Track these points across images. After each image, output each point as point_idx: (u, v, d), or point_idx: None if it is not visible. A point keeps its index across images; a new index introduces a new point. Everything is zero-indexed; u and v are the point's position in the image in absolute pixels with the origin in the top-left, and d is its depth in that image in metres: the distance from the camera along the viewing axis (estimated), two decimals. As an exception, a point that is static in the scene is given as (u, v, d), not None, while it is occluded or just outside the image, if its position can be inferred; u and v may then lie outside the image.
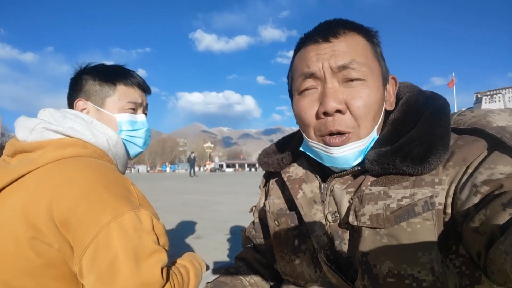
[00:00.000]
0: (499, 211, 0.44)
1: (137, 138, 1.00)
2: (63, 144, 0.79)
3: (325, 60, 0.61)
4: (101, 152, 0.86)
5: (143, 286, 0.66)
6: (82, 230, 0.66)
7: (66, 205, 0.67)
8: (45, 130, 0.81)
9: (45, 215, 0.67)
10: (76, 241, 0.67)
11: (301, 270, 0.71)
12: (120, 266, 0.65)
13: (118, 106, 0.96)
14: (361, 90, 0.61)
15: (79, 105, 0.94)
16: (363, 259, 0.58)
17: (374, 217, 0.57)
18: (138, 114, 1.01)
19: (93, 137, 0.84)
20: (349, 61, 0.60)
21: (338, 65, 0.60)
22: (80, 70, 0.99)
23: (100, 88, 0.95)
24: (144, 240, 0.70)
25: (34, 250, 0.69)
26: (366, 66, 0.61)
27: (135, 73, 1.01)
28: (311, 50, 0.63)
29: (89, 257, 0.65)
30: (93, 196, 0.69)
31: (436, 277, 0.53)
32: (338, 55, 0.61)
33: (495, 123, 0.56)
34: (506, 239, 0.41)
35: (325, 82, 0.62)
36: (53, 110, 0.88)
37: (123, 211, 0.69)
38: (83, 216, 0.67)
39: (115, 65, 1.02)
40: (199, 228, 3.90)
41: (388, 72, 0.68)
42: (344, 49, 0.61)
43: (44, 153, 0.77)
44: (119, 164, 0.94)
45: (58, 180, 0.71)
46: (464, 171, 0.54)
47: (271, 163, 0.82)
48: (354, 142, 0.61)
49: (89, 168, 0.75)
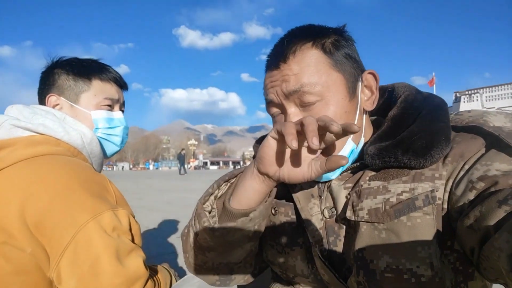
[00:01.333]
0: (495, 208, 0.44)
1: (114, 136, 0.95)
2: (33, 142, 0.74)
3: (277, 87, 0.62)
4: (74, 150, 0.81)
5: (130, 281, 0.65)
6: (58, 232, 0.63)
7: (40, 206, 0.64)
8: (13, 127, 0.76)
9: (17, 218, 0.63)
10: (52, 243, 0.63)
11: (294, 264, 0.70)
12: (103, 266, 0.63)
13: (94, 102, 0.91)
14: (320, 110, 0.60)
15: (51, 101, 0.89)
16: (359, 254, 0.58)
17: (373, 212, 0.57)
18: (115, 111, 0.96)
19: (65, 134, 0.80)
20: (299, 86, 0.59)
21: (288, 91, 0.60)
22: (52, 63, 0.94)
23: (74, 83, 0.90)
24: (123, 238, 0.69)
25: (4, 257, 0.64)
26: (319, 85, 0.60)
27: (111, 67, 0.97)
28: (267, 77, 0.65)
29: (68, 259, 0.62)
30: (69, 195, 0.66)
31: (435, 272, 0.53)
32: (288, 80, 0.60)
33: (492, 123, 0.57)
34: (501, 236, 0.41)
35: (285, 108, 0.62)
36: (21, 106, 0.83)
37: (102, 209, 0.67)
38: (59, 217, 0.63)
39: (89, 59, 0.97)
40: (183, 226, 3.83)
41: (358, 73, 0.65)
42: (294, 72, 0.60)
43: (12, 151, 0.72)
44: (94, 163, 0.90)
45: (29, 179, 0.67)
46: (461, 167, 0.54)
47: None
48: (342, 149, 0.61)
49: (63, 166, 0.71)
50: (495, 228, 0.43)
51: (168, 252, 2.82)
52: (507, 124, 0.57)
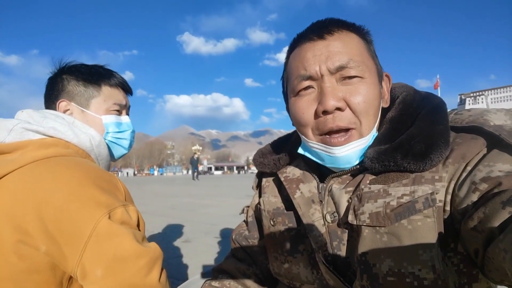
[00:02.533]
0: (499, 209, 0.44)
1: (123, 140, 0.99)
2: (44, 144, 0.77)
3: (322, 63, 0.60)
4: (83, 153, 0.84)
5: (152, 261, 0.67)
6: (78, 226, 0.64)
7: (56, 204, 0.65)
8: (25, 130, 0.78)
9: (33, 216, 0.65)
10: (71, 239, 0.65)
11: (298, 272, 0.70)
12: (127, 249, 0.65)
13: (104, 107, 0.94)
14: (359, 87, 0.60)
15: (62, 106, 0.92)
16: (362, 258, 0.57)
17: (374, 216, 0.57)
18: (123, 116, 1.00)
19: (75, 137, 0.82)
20: (346, 61, 0.60)
21: (335, 66, 0.60)
22: (59, 69, 0.96)
23: (84, 89, 0.93)
24: (135, 230, 0.71)
25: (17, 254, 0.65)
26: (363, 65, 0.61)
27: (117, 73, 0.99)
28: (307, 50, 0.62)
29: (92, 251, 0.64)
30: (84, 192, 0.67)
31: (437, 275, 0.52)
32: (334, 56, 0.60)
33: (493, 121, 0.56)
34: (506, 237, 0.40)
35: (323, 81, 0.61)
36: (31, 111, 0.85)
37: (115, 205, 0.69)
38: (76, 213, 0.65)
39: (96, 65, 0.99)
40: (187, 231, 3.85)
41: (382, 69, 0.68)
42: (340, 49, 0.60)
43: (24, 153, 0.74)
44: (102, 165, 0.92)
45: (43, 179, 0.68)
46: (463, 169, 0.53)
47: (266, 163, 0.81)
48: (356, 141, 0.61)
49: (74, 166, 0.73)
50: (499, 230, 0.43)
51: (173, 256, 2.81)
52: (508, 121, 0.56)
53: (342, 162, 0.62)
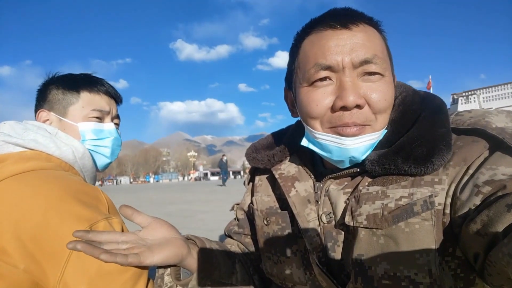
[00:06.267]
0: (503, 212, 0.42)
1: (103, 148, 0.95)
2: (24, 157, 0.74)
3: (346, 54, 0.56)
4: (66, 165, 0.81)
5: (136, 275, 0.65)
6: (58, 243, 0.62)
7: (35, 220, 0.63)
8: (4, 143, 0.76)
9: (10, 234, 0.62)
10: (51, 256, 0.62)
11: (290, 272, 0.69)
12: (111, 264, 0.62)
13: (82, 114, 0.91)
14: (380, 85, 0.58)
15: (42, 116, 0.90)
16: (358, 260, 0.56)
17: (371, 217, 0.55)
18: (105, 123, 0.95)
19: (57, 150, 0.80)
20: (371, 56, 0.57)
21: (360, 60, 0.56)
22: (47, 80, 0.94)
23: (63, 97, 0.91)
24: None
25: None
26: (385, 62, 0.59)
27: (103, 80, 0.97)
28: (329, 38, 0.58)
29: (74, 267, 0.62)
30: (63, 207, 0.65)
31: (433, 279, 0.51)
32: (359, 49, 0.57)
33: (495, 124, 0.55)
34: (510, 241, 0.39)
35: (343, 75, 0.57)
36: (14, 122, 0.83)
37: (97, 219, 0.67)
38: (56, 229, 0.63)
39: (82, 73, 0.98)
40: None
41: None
42: (366, 42, 0.57)
43: (3, 167, 0.71)
44: (87, 177, 0.89)
45: (21, 194, 0.66)
46: (465, 172, 0.52)
47: (260, 159, 0.78)
48: (369, 134, 0.59)
49: (53, 180, 0.70)
50: (503, 234, 0.42)
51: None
52: (509, 124, 0.55)
53: (351, 154, 0.59)
